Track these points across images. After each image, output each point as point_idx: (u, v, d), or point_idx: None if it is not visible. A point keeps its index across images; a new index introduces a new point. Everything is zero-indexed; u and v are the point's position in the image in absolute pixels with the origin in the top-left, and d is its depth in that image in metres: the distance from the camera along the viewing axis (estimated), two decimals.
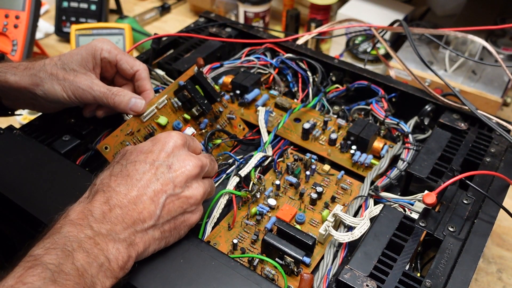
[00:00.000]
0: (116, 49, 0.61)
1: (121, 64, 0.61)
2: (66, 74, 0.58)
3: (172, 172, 0.47)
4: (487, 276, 0.70)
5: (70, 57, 0.59)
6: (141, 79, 0.62)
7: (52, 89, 0.58)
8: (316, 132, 0.70)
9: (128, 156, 0.49)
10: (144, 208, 0.45)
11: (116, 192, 0.45)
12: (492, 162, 0.61)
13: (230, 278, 0.46)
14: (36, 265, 0.38)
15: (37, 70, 0.58)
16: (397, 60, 0.75)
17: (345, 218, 0.55)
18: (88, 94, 0.58)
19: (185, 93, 0.63)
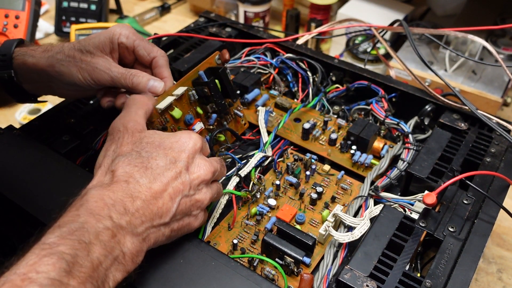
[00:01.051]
0: (134, 34, 0.59)
1: (138, 50, 0.59)
2: (83, 55, 0.57)
3: (190, 174, 0.48)
4: (487, 276, 0.70)
5: (89, 40, 0.58)
6: (158, 66, 0.60)
7: (68, 71, 0.57)
8: (316, 132, 0.70)
9: (144, 146, 0.48)
10: (163, 204, 0.45)
11: (139, 184, 0.45)
12: (492, 162, 0.61)
13: (230, 279, 0.46)
14: (51, 254, 0.37)
15: (55, 52, 0.57)
16: (397, 60, 0.75)
17: (345, 218, 0.55)
18: (105, 75, 0.56)
19: (205, 90, 0.61)
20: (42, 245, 0.38)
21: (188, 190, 0.47)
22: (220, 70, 0.61)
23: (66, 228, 0.39)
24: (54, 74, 0.57)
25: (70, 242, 0.38)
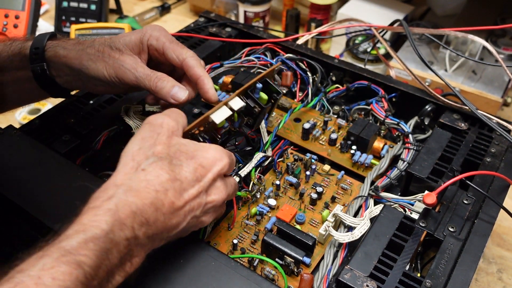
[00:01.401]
0: (165, 37, 0.57)
1: (167, 53, 0.57)
2: (112, 52, 0.56)
3: (207, 196, 0.47)
4: (487, 276, 0.70)
5: (120, 38, 0.58)
6: (189, 68, 0.57)
7: (94, 65, 0.56)
8: (316, 132, 0.70)
9: (177, 154, 0.46)
10: (178, 222, 0.45)
11: (166, 195, 0.43)
12: (492, 162, 0.61)
13: (230, 279, 0.46)
14: (70, 262, 0.36)
15: (85, 46, 0.57)
16: (397, 60, 0.75)
17: (345, 218, 0.55)
18: (130, 74, 0.55)
19: (256, 109, 0.57)
20: (62, 250, 0.36)
21: (200, 212, 0.47)
22: (278, 96, 0.58)
23: (90, 234, 0.38)
24: (81, 67, 0.57)
25: (92, 252, 0.37)
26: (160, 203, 0.43)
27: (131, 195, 0.42)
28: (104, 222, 0.39)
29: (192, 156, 0.47)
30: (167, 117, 0.48)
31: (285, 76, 0.72)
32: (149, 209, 0.42)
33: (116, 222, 0.39)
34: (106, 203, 0.40)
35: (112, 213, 0.40)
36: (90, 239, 0.37)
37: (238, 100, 0.55)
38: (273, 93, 0.58)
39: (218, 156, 0.48)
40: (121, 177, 0.43)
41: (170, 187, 0.43)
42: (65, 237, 0.38)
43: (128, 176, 0.43)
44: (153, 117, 0.48)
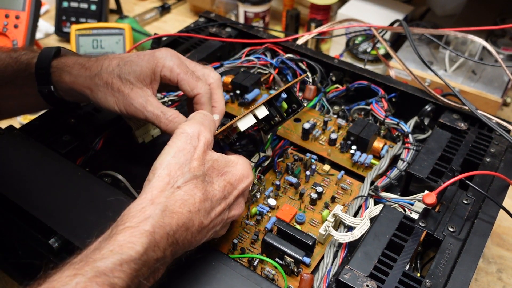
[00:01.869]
0: (179, 66, 0.55)
1: (181, 85, 0.56)
2: (122, 85, 0.54)
3: (229, 212, 0.48)
4: (487, 276, 0.70)
5: (130, 67, 0.55)
6: (199, 104, 0.56)
7: (105, 99, 0.55)
8: (316, 132, 0.70)
9: (210, 171, 0.46)
10: (201, 239, 0.46)
11: (198, 215, 0.44)
12: (492, 162, 0.61)
13: (230, 278, 0.46)
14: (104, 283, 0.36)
15: (93, 74, 0.55)
16: (397, 60, 0.75)
17: (345, 218, 0.55)
18: (140, 114, 0.54)
19: (276, 118, 0.58)
20: (96, 270, 0.36)
21: (219, 227, 0.48)
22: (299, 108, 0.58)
23: (125, 257, 0.38)
24: (91, 98, 0.56)
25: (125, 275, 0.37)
26: (191, 223, 0.43)
27: (167, 216, 0.42)
28: (139, 244, 0.39)
29: (222, 173, 0.47)
30: (203, 127, 0.48)
31: (308, 89, 0.71)
32: (181, 230, 0.42)
33: (151, 244, 0.40)
34: (143, 223, 0.40)
35: (148, 234, 0.40)
36: (125, 261, 0.38)
37: (263, 108, 0.56)
38: (293, 103, 0.59)
39: (245, 173, 0.49)
40: (157, 193, 0.43)
41: (201, 207, 0.44)
42: (100, 257, 0.38)
43: (164, 193, 0.43)
44: (188, 126, 0.48)
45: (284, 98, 0.58)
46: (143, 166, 0.65)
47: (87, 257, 0.38)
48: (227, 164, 0.48)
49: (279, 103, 0.58)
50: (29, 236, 0.54)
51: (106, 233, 0.41)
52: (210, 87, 0.58)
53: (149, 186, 0.43)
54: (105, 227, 0.42)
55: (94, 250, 0.38)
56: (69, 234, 0.50)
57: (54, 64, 0.57)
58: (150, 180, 0.44)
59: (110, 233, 0.40)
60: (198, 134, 0.47)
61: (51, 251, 0.51)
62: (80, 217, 0.51)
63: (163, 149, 0.46)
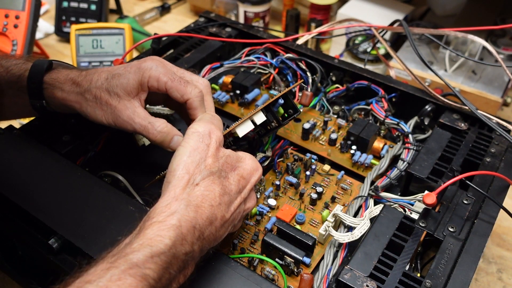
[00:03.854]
0: (166, 75, 0.55)
1: (171, 93, 0.56)
2: (110, 98, 0.55)
3: (245, 205, 0.50)
4: (487, 276, 0.70)
5: (117, 80, 0.55)
6: (192, 109, 0.56)
7: (94, 113, 0.56)
8: (316, 132, 0.70)
9: (224, 166, 0.48)
10: (223, 233, 0.47)
11: (219, 209, 0.46)
12: (492, 162, 0.61)
13: (230, 278, 0.46)
14: (137, 274, 0.38)
15: (83, 89, 0.56)
16: (397, 60, 0.75)
17: (345, 218, 0.55)
18: (128, 126, 0.55)
19: (273, 123, 0.59)
20: (129, 263, 0.38)
21: (238, 220, 0.50)
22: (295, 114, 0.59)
23: (155, 248, 0.40)
24: (80, 112, 0.57)
25: (157, 266, 0.39)
26: (214, 217, 0.45)
27: (192, 210, 0.44)
28: (168, 238, 0.41)
29: (235, 167, 0.49)
30: (213, 125, 0.50)
31: (305, 95, 0.71)
32: (205, 224, 0.44)
33: (179, 237, 0.41)
34: (170, 218, 0.42)
35: (175, 228, 0.42)
36: (155, 253, 0.39)
37: (261, 115, 0.57)
38: (290, 109, 0.59)
39: (255, 166, 0.51)
40: (179, 191, 0.45)
41: (222, 201, 0.46)
42: (131, 250, 0.39)
43: (185, 191, 0.45)
44: (199, 125, 0.49)
45: (281, 103, 0.59)
46: (143, 166, 0.65)
47: (119, 251, 0.40)
48: (238, 159, 0.50)
49: (276, 109, 0.59)
50: (29, 236, 0.54)
51: (136, 230, 0.43)
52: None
53: (171, 185, 0.45)
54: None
55: (125, 245, 0.40)
56: (69, 234, 0.50)
57: (46, 79, 0.57)
58: (170, 181, 0.46)
59: (139, 229, 0.42)
60: (210, 132, 0.49)
61: (51, 251, 0.51)
62: (80, 217, 0.51)
63: (177, 149, 0.48)
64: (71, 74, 0.58)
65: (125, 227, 0.45)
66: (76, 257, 0.51)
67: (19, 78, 0.58)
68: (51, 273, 0.59)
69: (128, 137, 0.65)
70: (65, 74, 0.58)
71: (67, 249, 0.51)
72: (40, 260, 0.58)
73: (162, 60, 0.57)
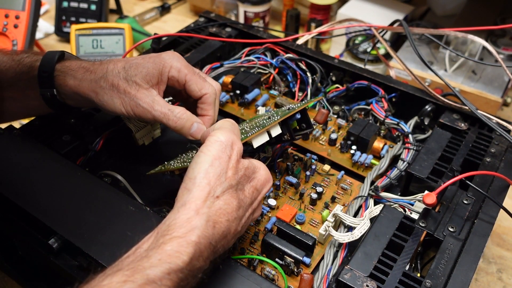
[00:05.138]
0: (186, 67, 0.56)
1: (189, 85, 0.56)
2: (128, 87, 0.54)
3: (252, 216, 0.50)
4: (487, 276, 0.70)
5: (136, 69, 0.55)
6: (206, 103, 0.57)
7: (111, 101, 0.55)
8: (316, 132, 0.70)
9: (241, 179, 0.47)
10: (230, 242, 0.47)
11: (235, 223, 0.45)
12: (492, 162, 0.61)
13: (230, 279, 0.46)
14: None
15: (98, 77, 0.55)
16: (397, 60, 0.75)
17: (345, 218, 0.55)
18: (148, 113, 0.54)
19: (285, 136, 0.58)
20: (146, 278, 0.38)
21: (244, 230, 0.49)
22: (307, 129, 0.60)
23: (173, 266, 0.39)
24: (96, 101, 0.56)
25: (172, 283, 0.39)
26: (228, 231, 0.45)
27: (210, 227, 0.43)
28: (186, 254, 0.40)
29: (251, 179, 0.49)
30: (235, 136, 0.49)
31: (320, 113, 0.70)
32: (220, 238, 0.44)
33: (196, 254, 0.41)
34: (190, 234, 0.42)
35: (194, 244, 0.41)
36: (173, 270, 0.39)
37: (278, 128, 0.57)
38: (303, 123, 0.60)
39: (267, 177, 0.50)
40: (200, 203, 0.44)
41: (237, 215, 0.46)
42: (149, 265, 0.39)
43: (206, 204, 0.44)
44: (222, 134, 0.48)
45: (297, 118, 0.59)
46: (143, 166, 0.65)
47: (136, 264, 0.39)
48: (254, 170, 0.49)
49: (291, 121, 0.59)
50: (29, 236, 0.54)
51: (153, 242, 0.42)
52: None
53: (191, 196, 0.44)
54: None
55: (142, 258, 0.40)
56: (69, 234, 0.50)
57: (58, 67, 0.57)
58: (190, 190, 0.44)
59: (157, 242, 0.41)
60: (232, 143, 0.47)
61: (51, 251, 0.51)
62: (80, 217, 0.51)
63: (198, 156, 0.46)
64: (84, 63, 0.58)
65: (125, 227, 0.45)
66: (76, 257, 0.51)
67: (30, 68, 0.58)
68: (51, 273, 0.59)
69: (128, 137, 0.65)
70: (78, 63, 0.58)
71: (67, 249, 0.51)
72: (40, 260, 0.58)
73: (180, 55, 0.58)
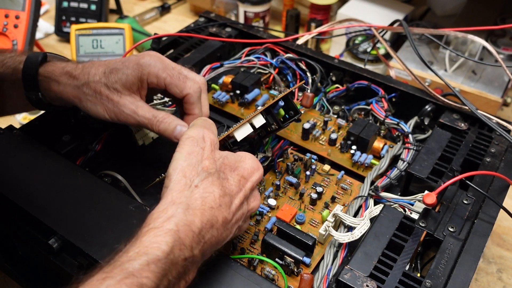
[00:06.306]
0: (165, 71, 0.55)
1: (170, 89, 0.56)
2: (110, 94, 0.55)
3: (248, 205, 0.49)
4: (487, 276, 0.70)
5: (115, 75, 0.55)
6: (189, 103, 0.57)
7: (95, 108, 0.55)
8: (316, 132, 0.70)
9: (222, 168, 0.47)
10: (227, 235, 0.46)
11: (220, 210, 0.44)
12: (492, 162, 0.61)
13: (230, 279, 0.46)
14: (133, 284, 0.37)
15: (81, 83, 0.55)
16: (397, 60, 0.75)
17: (345, 218, 0.55)
18: (131, 119, 0.55)
19: (273, 125, 0.58)
20: (125, 272, 0.37)
21: (242, 221, 0.48)
22: (296, 115, 0.59)
23: (152, 257, 0.38)
24: (80, 107, 0.56)
25: (154, 274, 0.38)
26: (215, 219, 0.44)
27: (190, 214, 0.42)
28: (164, 244, 0.39)
29: (234, 168, 0.48)
30: (206, 129, 0.49)
31: (306, 97, 0.70)
32: (206, 227, 0.43)
33: (176, 242, 0.40)
34: (167, 223, 0.41)
35: (172, 233, 0.40)
36: (152, 261, 0.38)
37: (260, 117, 0.56)
38: (291, 110, 0.59)
39: (255, 166, 0.49)
40: (176, 195, 0.44)
41: (222, 202, 0.45)
42: (127, 259, 0.38)
43: (183, 193, 0.44)
44: (192, 131, 0.49)
45: (281, 105, 0.58)
46: (143, 166, 0.65)
47: (115, 261, 0.39)
48: (237, 160, 0.49)
49: (276, 111, 0.58)
50: (29, 236, 0.54)
51: (133, 237, 0.41)
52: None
53: (168, 190, 0.44)
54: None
55: (121, 254, 0.39)
56: (69, 234, 0.50)
57: (41, 72, 0.57)
58: (168, 186, 0.45)
59: (136, 236, 0.41)
60: (203, 136, 0.48)
61: (51, 251, 0.51)
62: (80, 217, 0.51)
63: (173, 156, 0.47)
64: (67, 67, 0.57)
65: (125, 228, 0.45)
66: (76, 257, 0.51)
67: (14, 70, 0.58)
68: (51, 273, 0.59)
69: (128, 137, 0.65)
70: (61, 67, 0.57)
71: (67, 249, 0.51)
72: (40, 260, 0.58)
73: (160, 56, 0.57)
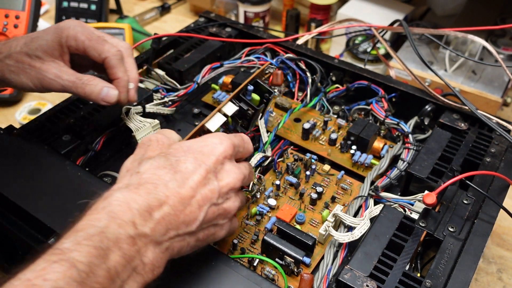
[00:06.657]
0: (83, 33, 0.54)
1: (88, 52, 0.54)
2: (32, 61, 0.53)
3: (219, 181, 0.45)
4: (487, 276, 0.70)
5: (36, 43, 0.53)
6: (109, 67, 0.55)
7: (18, 78, 0.54)
8: (316, 132, 0.70)
9: (172, 152, 0.44)
10: (191, 212, 0.42)
11: (167, 187, 0.41)
12: (492, 162, 0.61)
13: (230, 278, 0.46)
14: (62, 260, 0.34)
15: (4, 56, 0.54)
16: (397, 60, 0.75)
17: (345, 218, 0.55)
18: (55, 84, 0.53)
19: (249, 112, 0.56)
20: (54, 250, 0.35)
21: (217, 198, 0.44)
22: (270, 96, 0.58)
23: (83, 233, 0.36)
24: (5, 80, 0.55)
25: (86, 249, 0.35)
26: (163, 195, 0.41)
27: (129, 193, 0.40)
28: (97, 221, 0.37)
29: (188, 149, 0.45)
30: (157, 133, 0.48)
31: (275, 75, 0.69)
32: (152, 203, 0.40)
33: (112, 219, 0.38)
34: (101, 203, 0.39)
35: (106, 210, 0.38)
36: (83, 237, 0.36)
37: (231, 105, 0.55)
38: (265, 93, 0.58)
39: (217, 140, 0.46)
40: (119, 184, 0.43)
41: (170, 179, 0.42)
42: (59, 243, 0.36)
43: (124, 180, 0.43)
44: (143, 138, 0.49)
45: (251, 90, 0.57)
46: None
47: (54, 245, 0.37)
48: (191, 142, 0.46)
49: (249, 97, 0.57)
50: (29, 236, 0.54)
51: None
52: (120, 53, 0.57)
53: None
54: None
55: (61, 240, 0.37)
56: None
57: None
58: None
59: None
60: (150, 138, 0.47)
61: None
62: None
63: None
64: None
65: None
66: None
67: None
68: None
69: (128, 137, 0.65)
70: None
71: None
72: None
73: (80, 22, 0.56)
